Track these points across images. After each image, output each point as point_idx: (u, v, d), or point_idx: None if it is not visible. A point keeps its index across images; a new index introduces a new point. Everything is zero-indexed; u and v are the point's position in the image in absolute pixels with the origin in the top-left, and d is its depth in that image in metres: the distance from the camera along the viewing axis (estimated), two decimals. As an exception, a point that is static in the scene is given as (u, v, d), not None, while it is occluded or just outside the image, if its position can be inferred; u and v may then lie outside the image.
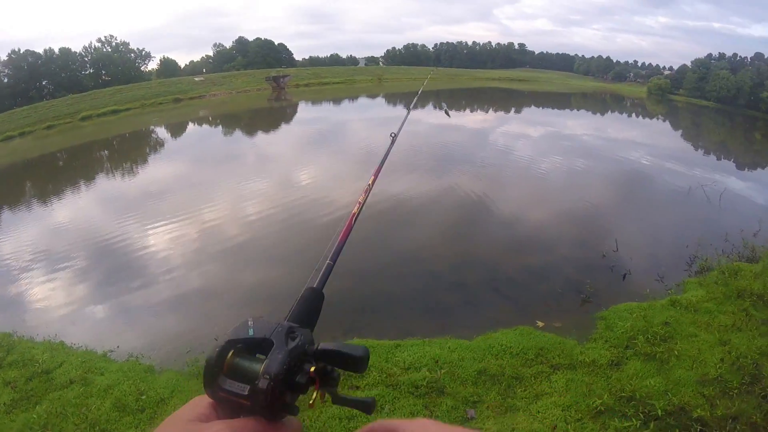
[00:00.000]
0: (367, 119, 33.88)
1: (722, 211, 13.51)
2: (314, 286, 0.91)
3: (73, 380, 5.88)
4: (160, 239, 11.54)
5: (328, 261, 0.97)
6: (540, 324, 7.01)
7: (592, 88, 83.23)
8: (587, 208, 13.27)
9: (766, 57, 77.97)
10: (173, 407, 5.02)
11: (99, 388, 5.67)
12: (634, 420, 4.67)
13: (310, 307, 0.90)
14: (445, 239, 10.75)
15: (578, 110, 49.59)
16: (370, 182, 1.00)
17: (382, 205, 12.59)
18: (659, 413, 4.75)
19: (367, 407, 0.77)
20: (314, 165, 18.50)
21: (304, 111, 42.75)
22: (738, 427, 4.63)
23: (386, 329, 6.79)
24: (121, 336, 7.24)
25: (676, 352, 5.84)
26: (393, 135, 1.34)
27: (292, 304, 0.86)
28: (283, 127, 33.16)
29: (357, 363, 0.73)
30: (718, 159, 26.17)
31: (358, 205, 0.93)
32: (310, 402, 0.73)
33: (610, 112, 50.71)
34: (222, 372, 0.68)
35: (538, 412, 4.88)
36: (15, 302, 9.28)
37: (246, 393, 0.66)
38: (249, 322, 0.73)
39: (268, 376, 0.64)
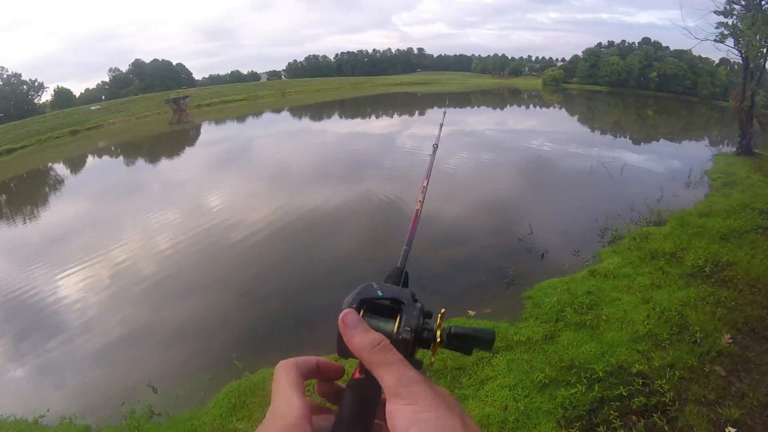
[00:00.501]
0: (274, 134, 33.43)
1: (625, 184, 14.33)
2: (398, 265, 0.92)
3: (6, 458, 5.25)
4: (72, 287, 10.61)
5: (404, 246, 0.97)
6: (471, 313, 7.09)
7: (491, 85, 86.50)
8: (498, 198, 13.70)
9: (652, 41, 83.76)
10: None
11: (34, 458, 5.06)
12: (578, 386, 4.80)
13: (402, 279, 0.88)
14: (367, 245, 10.65)
15: (479, 107, 51.24)
16: (424, 184, 1.10)
17: (300, 222, 12.42)
18: (600, 375, 4.93)
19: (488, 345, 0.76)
20: (223, 187, 17.81)
21: (208, 132, 41.50)
22: (677, 373, 4.91)
23: (322, 345, 6.49)
24: (50, 398, 6.58)
25: (604, 317, 6.13)
26: (435, 146, 1.37)
27: (383, 278, 0.85)
28: (187, 151, 31.88)
29: (488, 344, 0.74)
30: (615, 137, 27.76)
31: (419, 203, 1.04)
32: (432, 360, 0.77)
33: (509, 105, 52.78)
34: None
35: (487, 396, 4.91)
36: None
37: None
38: (374, 285, 0.77)
39: (409, 328, 0.68)
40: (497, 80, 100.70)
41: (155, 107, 59.04)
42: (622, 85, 76.20)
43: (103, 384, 6.84)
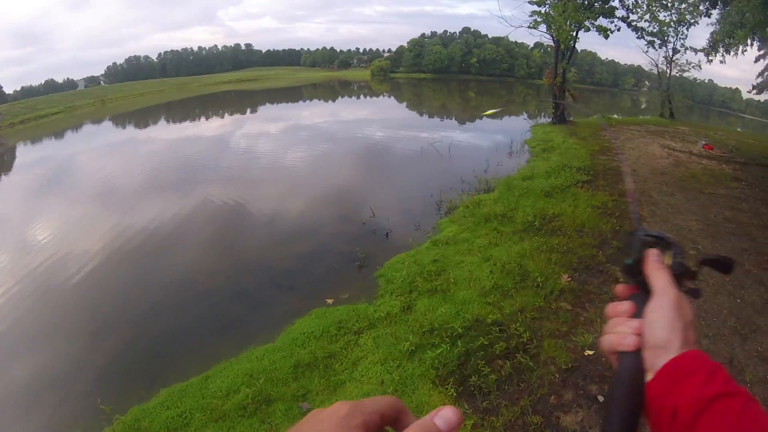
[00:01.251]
0: (97, 148, 30.82)
1: (454, 160, 15.36)
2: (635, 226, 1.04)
3: None
4: None
5: (633, 215, 1.20)
6: (329, 301, 7.12)
7: (321, 78, 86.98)
8: (339, 187, 13.90)
9: (472, 30, 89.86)
10: None
11: None
12: (443, 345, 5.08)
13: None
14: (213, 255, 10.15)
15: (311, 100, 51.46)
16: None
17: (138, 241, 11.48)
18: (461, 331, 5.28)
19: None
20: (48, 217, 15.97)
21: (25, 153, 36.97)
22: (528, 315, 5.49)
23: (188, 366, 6.16)
24: None
25: (453, 280, 6.57)
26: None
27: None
28: (3, 179, 28.74)
29: (730, 266, 0.91)
30: (442, 119, 29.40)
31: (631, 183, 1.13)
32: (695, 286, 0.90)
33: (340, 97, 53.59)
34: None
35: (362, 375, 5.00)
36: None
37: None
38: (645, 229, 0.93)
39: (681, 256, 0.87)
40: (327, 73, 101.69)
41: (-37, 133, 51.94)
42: (446, 71, 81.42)
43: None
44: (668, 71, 28.12)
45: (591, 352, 4.81)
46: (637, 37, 23.76)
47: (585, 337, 4.98)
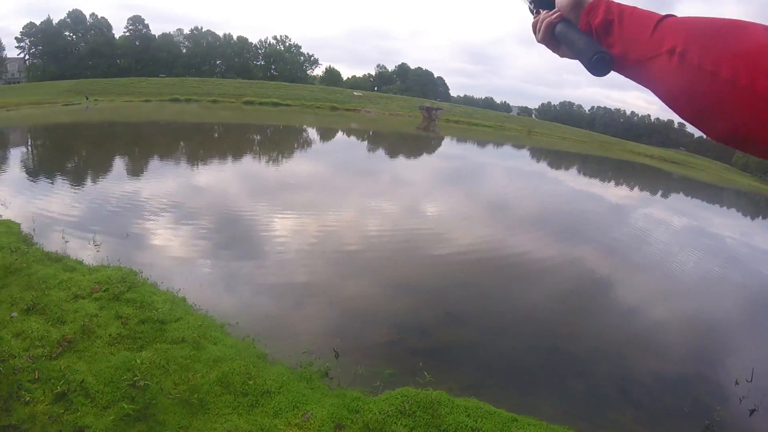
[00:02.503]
0: (508, 168, 33.27)
1: None
2: None
3: (186, 339, 5.80)
4: (283, 227, 12.14)
5: None
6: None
7: (748, 188, 69.71)
8: (731, 321, 11.08)
9: None
10: (277, 404, 4.94)
11: (209, 357, 5.55)
12: None
13: None
14: (569, 313, 9.59)
15: (728, 208, 41.82)
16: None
17: (503, 259, 12.03)
18: None
19: None
20: (442, 201, 18.20)
21: (448, 146, 43.14)
22: None
23: (502, 396, 6.04)
24: (243, 312, 7.15)
25: None
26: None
27: None
28: (424, 156, 33.51)
29: None
30: None
31: None
32: None
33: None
34: None
35: None
36: (149, 245, 10.02)
37: None
38: None
39: None
40: (759, 184, 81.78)
41: (408, 109, 64.42)
42: None
43: (295, 325, 7.29)
44: None
45: None
46: None
47: None
